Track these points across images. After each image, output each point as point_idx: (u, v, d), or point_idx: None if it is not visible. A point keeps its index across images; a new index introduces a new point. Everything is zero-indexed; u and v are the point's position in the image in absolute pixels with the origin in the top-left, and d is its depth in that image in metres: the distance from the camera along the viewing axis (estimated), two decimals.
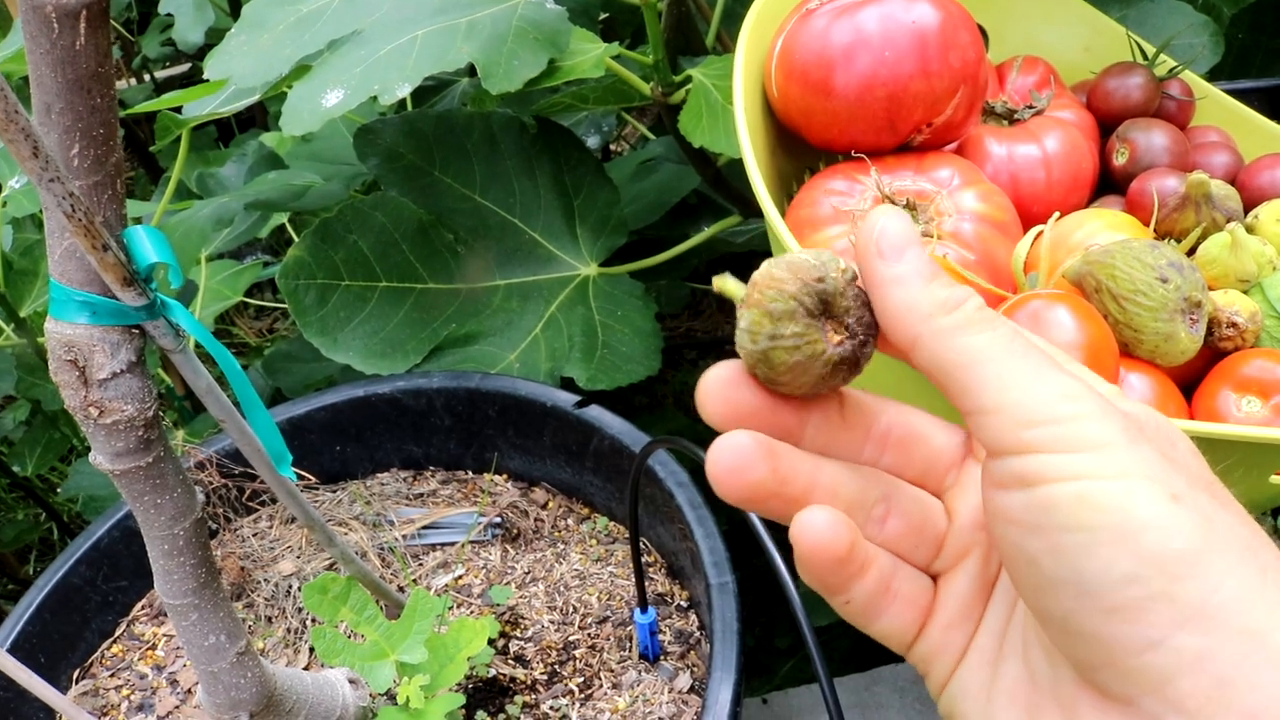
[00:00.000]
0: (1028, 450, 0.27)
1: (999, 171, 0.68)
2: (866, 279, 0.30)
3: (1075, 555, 0.26)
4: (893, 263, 0.29)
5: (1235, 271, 0.60)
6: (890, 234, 0.30)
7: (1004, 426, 0.27)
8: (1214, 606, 0.25)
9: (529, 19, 0.83)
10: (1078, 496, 0.26)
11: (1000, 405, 0.27)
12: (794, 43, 0.64)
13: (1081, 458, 0.26)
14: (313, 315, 0.90)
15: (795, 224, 0.63)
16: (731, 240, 1.10)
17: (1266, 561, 0.26)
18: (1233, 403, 0.56)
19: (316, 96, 0.78)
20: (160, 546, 0.50)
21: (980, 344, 0.28)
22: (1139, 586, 0.25)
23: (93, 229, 0.40)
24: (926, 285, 0.29)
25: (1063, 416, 0.26)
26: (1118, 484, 0.26)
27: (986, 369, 0.27)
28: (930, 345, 0.28)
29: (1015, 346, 0.28)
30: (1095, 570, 0.26)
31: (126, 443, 0.46)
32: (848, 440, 0.33)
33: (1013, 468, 0.27)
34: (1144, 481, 0.26)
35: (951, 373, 0.28)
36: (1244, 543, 0.26)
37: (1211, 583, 0.25)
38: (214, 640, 0.54)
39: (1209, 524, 0.25)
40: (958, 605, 0.33)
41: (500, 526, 0.85)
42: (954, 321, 0.28)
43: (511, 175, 0.97)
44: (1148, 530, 0.25)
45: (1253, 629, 0.24)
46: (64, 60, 0.38)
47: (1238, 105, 0.78)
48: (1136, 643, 0.25)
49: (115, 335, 0.44)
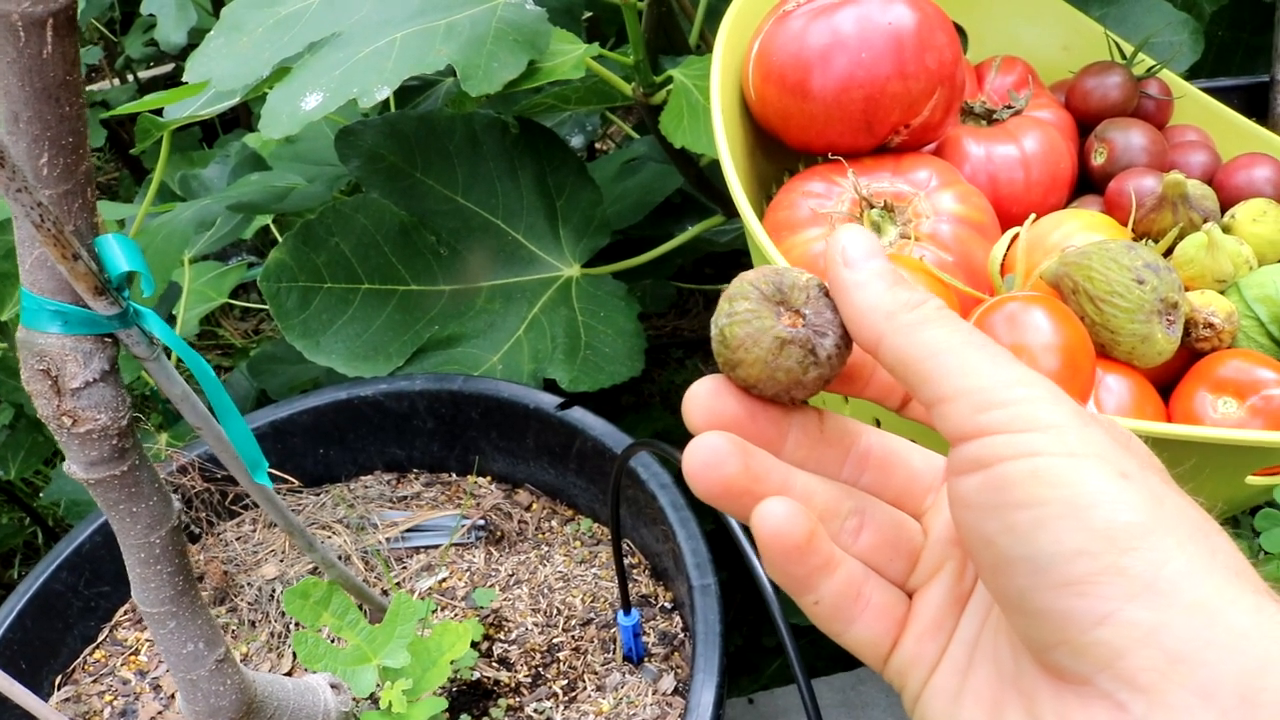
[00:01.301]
0: (984, 432, 0.27)
1: (977, 172, 0.68)
2: (833, 285, 0.32)
3: (1028, 531, 0.26)
4: (857, 269, 0.31)
5: (1212, 272, 0.60)
6: (854, 245, 0.31)
7: (962, 412, 0.28)
8: (1164, 580, 0.25)
9: (508, 20, 0.83)
10: (1030, 472, 0.26)
11: (958, 392, 0.28)
12: (771, 44, 0.64)
13: (1033, 436, 0.27)
14: (295, 318, 0.90)
15: (773, 226, 0.63)
16: (715, 240, 1.10)
17: (1216, 544, 0.26)
18: (1209, 404, 0.56)
19: (296, 99, 0.77)
20: (137, 555, 0.50)
21: (940, 337, 0.29)
22: (1089, 560, 0.25)
23: (62, 238, 0.39)
24: (889, 288, 0.30)
25: (1016, 399, 0.27)
26: (1068, 461, 0.26)
27: (946, 359, 0.29)
28: (892, 340, 0.30)
29: (973, 340, 0.29)
30: (1046, 545, 0.26)
31: (100, 451, 0.46)
32: (827, 456, 0.34)
33: (970, 451, 0.28)
34: (1094, 460, 0.26)
35: (913, 365, 0.29)
36: (1194, 523, 0.26)
37: (1161, 556, 0.25)
38: (192, 648, 0.53)
39: (1158, 502, 0.26)
40: (931, 616, 0.34)
41: (484, 529, 0.85)
42: (915, 318, 0.30)
43: (494, 176, 0.96)
44: (1097, 505, 0.26)
45: (1204, 603, 0.25)
46: (31, 69, 0.38)
47: (1216, 104, 0.78)
48: (1088, 617, 0.26)
49: (88, 344, 0.44)
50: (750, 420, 0.33)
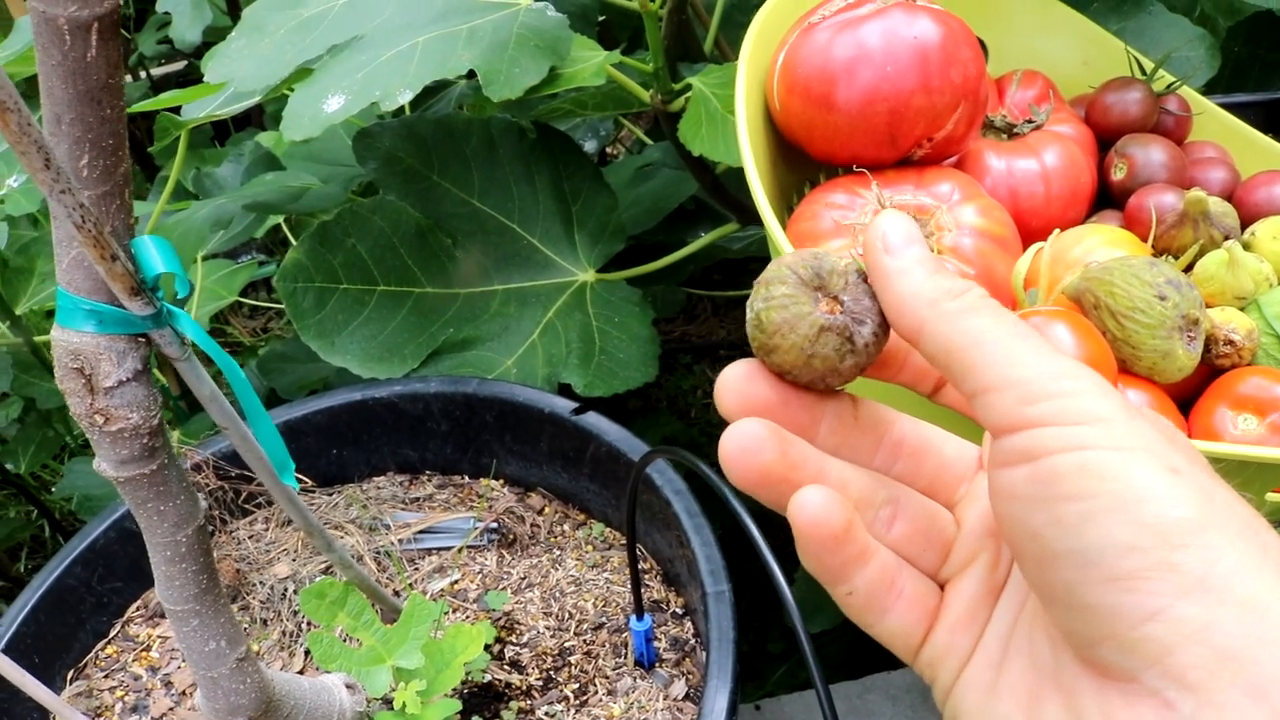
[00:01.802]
0: (1031, 425, 0.27)
1: (998, 186, 0.69)
2: (873, 273, 0.31)
3: (1077, 524, 0.26)
4: (898, 256, 0.31)
5: (1232, 289, 0.61)
6: (895, 231, 0.31)
7: (1008, 403, 0.28)
8: (1216, 576, 0.25)
9: (530, 26, 0.83)
10: (1079, 466, 0.26)
11: (1004, 382, 0.28)
12: (796, 56, 0.64)
13: (1083, 430, 0.26)
14: (310, 318, 0.90)
15: (796, 236, 0.64)
16: (728, 247, 1.10)
17: (1267, 540, 0.26)
18: (1229, 420, 0.56)
19: (318, 102, 0.78)
20: (162, 553, 0.50)
21: (984, 325, 0.29)
22: (1139, 555, 0.25)
23: (101, 239, 0.40)
24: (931, 275, 0.30)
25: (1064, 391, 0.27)
26: (1118, 454, 0.26)
27: (990, 349, 0.28)
28: (935, 329, 0.29)
29: (1018, 330, 0.29)
30: (1096, 539, 0.26)
31: (131, 450, 0.46)
32: (860, 444, 0.34)
33: (1016, 444, 0.27)
34: (1143, 454, 0.26)
35: (956, 354, 0.29)
36: (1243, 519, 0.26)
37: (1213, 553, 0.25)
38: (214, 646, 0.54)
39: (1208, 498, 0.26)
40: (964, 608, 0.34)
41: (496, 532, 0.85)
42: (958, 306, 0.29)
43: (510, 180, 0.97)
44: (1147, 500, 0.25)
45: (1256, 601, 0.24)
46: (75, 72, 0.38)
47: (1235, 120, 0.79)
48: (1137, 613, 0.25)
49: (122, 344, 0.44)
50: (784, 407, 0.33)
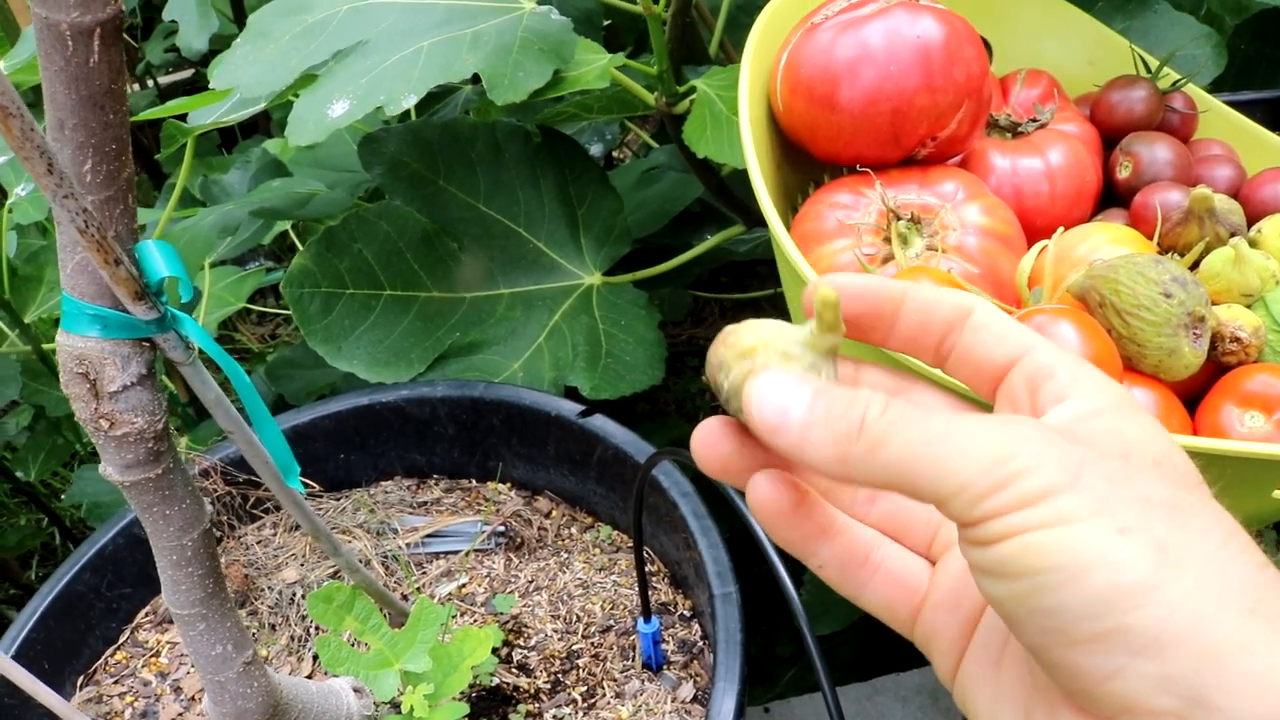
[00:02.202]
0: (984, 520, 0.27)
1: (1003, 185, 0.69)
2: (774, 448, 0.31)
3: (1033, 598, 0.27)
4: (785, 431, 0.30)
5: (1238, 286, 0.60)
6: (766, 403, 0.30)
7: (960, 509, 0.28)
8: (1170, 634, 0.25)
9: (534, 30, 0.83)
10: (1022, 549, 0.27)
11: (947, 494, 0.28)
12: (799, 57, 0.64)
13: (1026, 514, 0.27)
14: (317, 324, 0.91)
15: (800, 237, 0.64)
16: (735, 249, 1.10)
17: (1229, 578, 0.26)
18: (1236, 418, 0.56)
19: (322, 107, 0.78)
20: (169, 557, 0.50)
21: (897, 452, 0.28)
22: (1092, 623, 0.26)
23: (105, 244, 0.40)
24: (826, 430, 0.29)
25: (1004, 479, 0.27)
26: (1061, 530, 0.26)
27: (918, 470, 0.28)
28: (861, 478, 0.29)
29: (929, 431, 0.28)
30: (1052, 610, 0.26)
31: (136, 455, 0.46)
32: None
33: (972, 535, 0.28)
34: (1089, 522, 0.26)
35: (892, 485, 0.29)
36: (1204, 561, 0.26)
37: (1165, 611, 0.25)
38: (221, 650, 0.54)
39: (1161, 553, 0.26)
40: (948, 587, 0.35)
41: (504, 535, 0.85)
42: (866, 446, 0.29)
43: (515, 184, 0.97)
44: (1094, 569, 0.26)
45: (1215, 650, 0.25)
46: (78, 77, 0.38)
47: (1241, 118, 0.78)
48: (1098, 673, 0.26)
49: (126, 348, 0.44)
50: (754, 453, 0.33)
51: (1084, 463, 0.27)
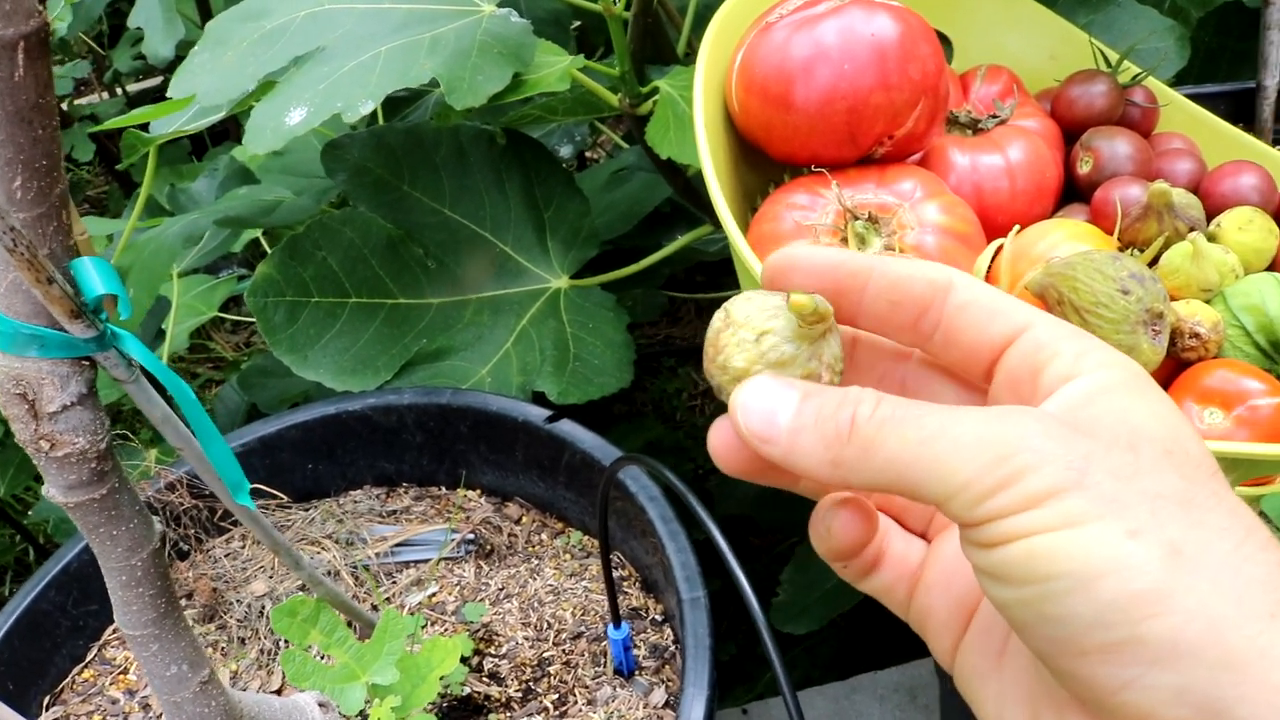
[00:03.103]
0: (986, 521, 0.26)
1: (963, 182, 0.68)
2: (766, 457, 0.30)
3: (1040, 605, 0.26)
4: (775, 441, 0.29)
5: (1198, 281, 0.60)
6: (752, 412, 0.30)
7: (960, 510, 0.27)
8: (1186, 643, 0.24)
9: (493, 33, 0.82)
10: (1028, 553, 0.25)
11: (946, 495, 0.27)
12: (754, 56, 0.64)
13: (1031, 516, 0.26)
14: (282, 333, 0.90)
15: (757, 239, 0.63)
16: (705, 249, 1.10)
17: (1248, 580, 0.25)
18: (1195, 414, 0.56)
19: (280, 115, 0.77)
20: (118, 578, 0.49)
21: (892, 453, 0.27)
22: (1104, 631, 0.25)
23: (36, 263, 0.39)
24: (814, 437, 0.29)
25: (1007, 479, 0.26)
26: (1069, 534, 0.25)
27: (915, 471, 0.27)
28: (856, 481, 0.28)
29: (924, 429, 0.27)
30: (1060, 618, 0.25)
31: (79, 475, 0.46)
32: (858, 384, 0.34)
33: (974, 536, 0.27)
34: (1097, 524, 0.25)
35: (890, 488, 0.28)
36: (1220, 562, 0.25)
37: (1181, 618, 0.24)
38: (176, 670, 0.53)
39: (1174, 555, 0.25)
40: (941, 568, 0.34)
41: (474, 543, 0.85)
42: (857, 449, 0.28)
43: (481, 188, 0.96)
44: (1105, 575, 0.25)
45: (1232, 658, 0.24)
46: (2, 93, 0.37)
47: (1202, 111, 0.78)
48: (1112, 683, 0.25)
49: (65, 368, 0.43)
50: None
51: (1090, 457, 0.26)
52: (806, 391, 0.29)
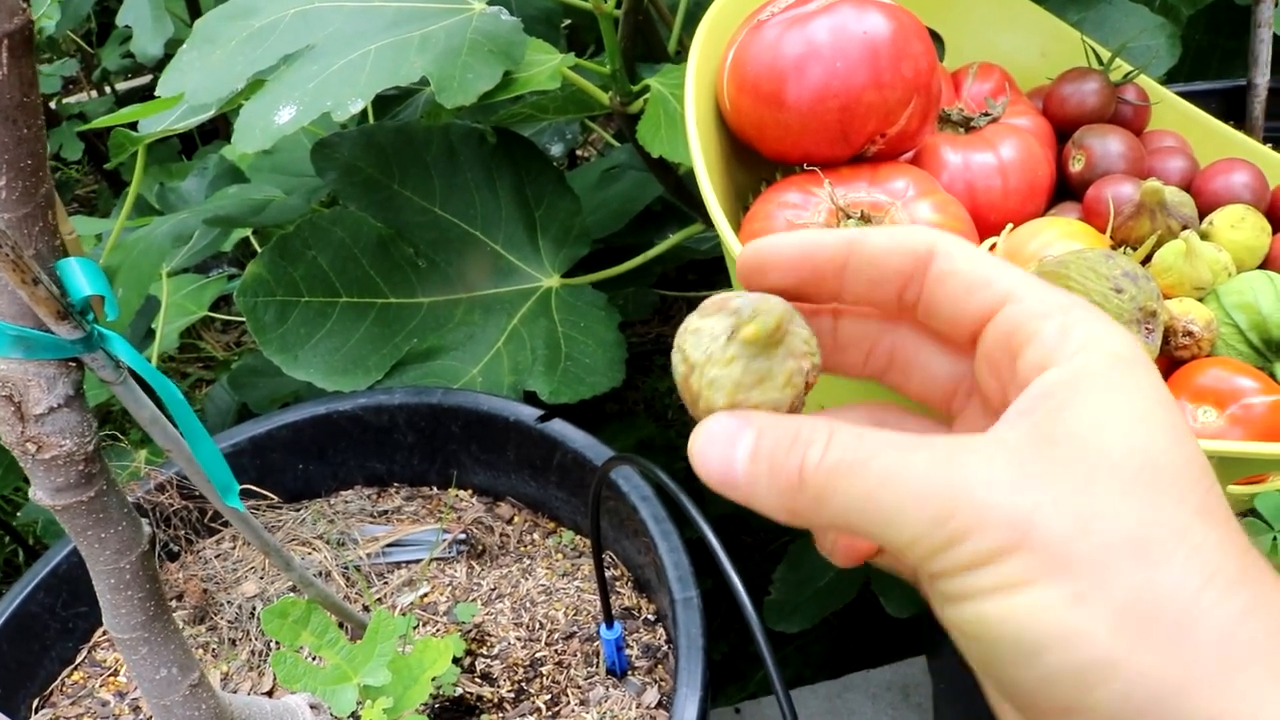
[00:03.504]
0: (941, 575, 0.26)
1: (955, 180, 0.68)
2: None
3: (992, 666, 0.26)
4: (734, 486, 0.29)
5: (1190, 279, 0.60)
6: (708, 460, 0.29)
7: (917, 563, 0.26)
8: (1133, 711, 0.24)
9: (483, 31, 0.82)
10: (977, 617, 0.25)
11: (899, 547, 0.26)
12: (745, 54, 0.64)
13: (976, 577, 0.25)
14: (272, 333, 0.90)
15: (749, 238, 0.63)
16: (696, 248, 1.09)
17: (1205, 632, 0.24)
18: (1189, 413, 0.56)
19: (269, 113, 0.77)
20: (106, 581, 0.49)
21: (841, 505, 0.27)
22: (1054, 697, 0.25)
23: (21, 263, 0.39)
24: (767, 481, 0.28)
25: (949, 539, 0.25)
26: (1013, 600, 0.25)
27: (865, 523, 0.27)
28: (813, 521, 0.28)
29: (869, 479, 0.26)
30: (1012, 677, 0.26)
31: (66, 478, 0.45)
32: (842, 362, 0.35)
33: (934, 587, 0.27)
34: (1040, 590, 0.24)
35: (846, 529, 0.28)
36: (1173, 621, 0.24)
37: (1128, 687, 0.24)
38: (165, 673, 0.53)
39: (1122, 619, 0.24)
40: None
41: (465, 543, 0.85)
42: (810, 499, 0.27)
43: (472, 187, 0.96)
44: (1050, 648, 0.24)
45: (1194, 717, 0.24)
46: None
47: (1193, 109, 0.78)
48: None
49: (51, 369, 0.43)
50: None
51: (1036, 511, 0.25)
52: (761, 429, 0.29)
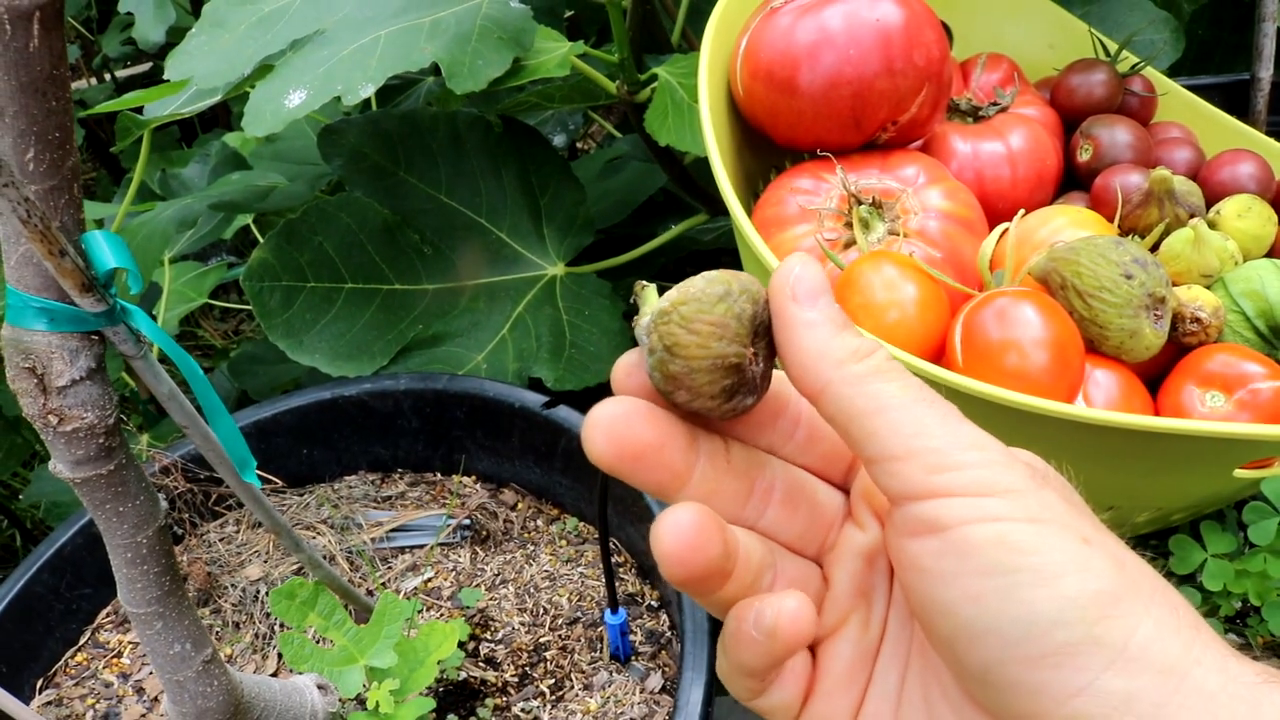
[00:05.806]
0: (939, 494, 0.26)
1: (964, 168, 0.69)
2: (778, 320, 0.29)
3: (996, 601, 0.26)
4: (807, 308, 0.29)
5: (1198, 267, 0.61)
6: (806, 280, 0.29)
7: (914, 472, 0.27)
8: (1135, 647, 0.25)
9: (493, 18, 0.82)
10: (997, 538, 0.26)
11: (910, 451, 0.27)
12: (759, 41, 0.64)
13: (995, 501, 0.26)
14: (278, 318, 0.89)
15: (761, 223, 0.63)
16: (699, 238, 1.10)
17: (1175, 600, 0.26)
18: (1197, 398, 0.56)
19: (279, 97, 0.77)
20: (123, 555, 0.49)
21: (890, 391, 0.27)
22: (1064, 630, 0.25)
23: (49, 234, 0.39)
24: (839, 332, 0.28)
25: (973, 462, 0.26)
26: (1033, 527, 0.26)
27: (895, 415, 0.27)
28: (840, 391, 0.28)
29: (924, 395, 0.28)
30: (1019, 616, 0.25)
31: (87, 450, 0.45)
32: (733, 490, 0.32)
33: (924, 513, 0.27)
34: (1056, 526, 0.26)
35: (859, 419, 0.28)
36: (1153, 582, 0.26)
37: (1132, 621, 0.25)
38: (179, 649, 0.53)
39: (1120, 566, 0.26)
40: (841, 672, 0.32)
41: (469, 528, 0.85)
42: (865, 369, 0.28)
43: (477, 175, 0.96)
44: (1068, 573, 0.25)
45: (1174, 668, 0.25)
46: (17, 63, 0.37)
47: (1199, 101, 0.79)
48: (1065, 689, 0.25)
49: (74, 342, 0.43)
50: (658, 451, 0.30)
51: (1045, 476, 0.28)
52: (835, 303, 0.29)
